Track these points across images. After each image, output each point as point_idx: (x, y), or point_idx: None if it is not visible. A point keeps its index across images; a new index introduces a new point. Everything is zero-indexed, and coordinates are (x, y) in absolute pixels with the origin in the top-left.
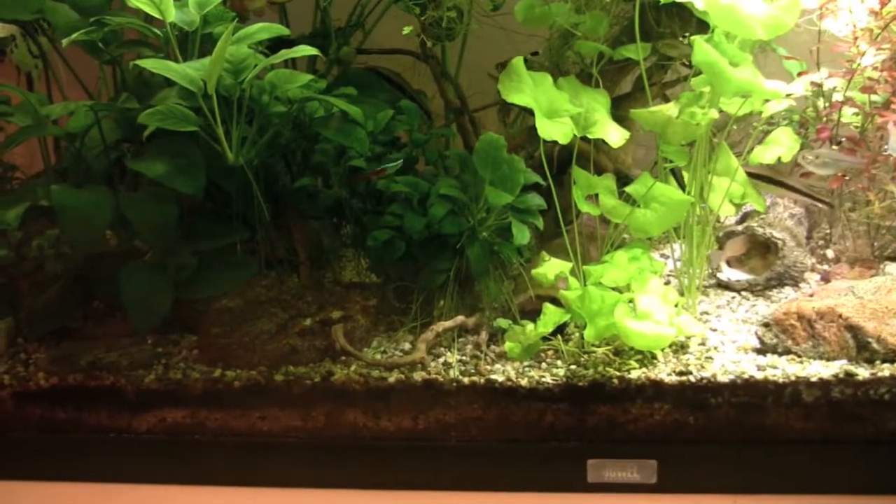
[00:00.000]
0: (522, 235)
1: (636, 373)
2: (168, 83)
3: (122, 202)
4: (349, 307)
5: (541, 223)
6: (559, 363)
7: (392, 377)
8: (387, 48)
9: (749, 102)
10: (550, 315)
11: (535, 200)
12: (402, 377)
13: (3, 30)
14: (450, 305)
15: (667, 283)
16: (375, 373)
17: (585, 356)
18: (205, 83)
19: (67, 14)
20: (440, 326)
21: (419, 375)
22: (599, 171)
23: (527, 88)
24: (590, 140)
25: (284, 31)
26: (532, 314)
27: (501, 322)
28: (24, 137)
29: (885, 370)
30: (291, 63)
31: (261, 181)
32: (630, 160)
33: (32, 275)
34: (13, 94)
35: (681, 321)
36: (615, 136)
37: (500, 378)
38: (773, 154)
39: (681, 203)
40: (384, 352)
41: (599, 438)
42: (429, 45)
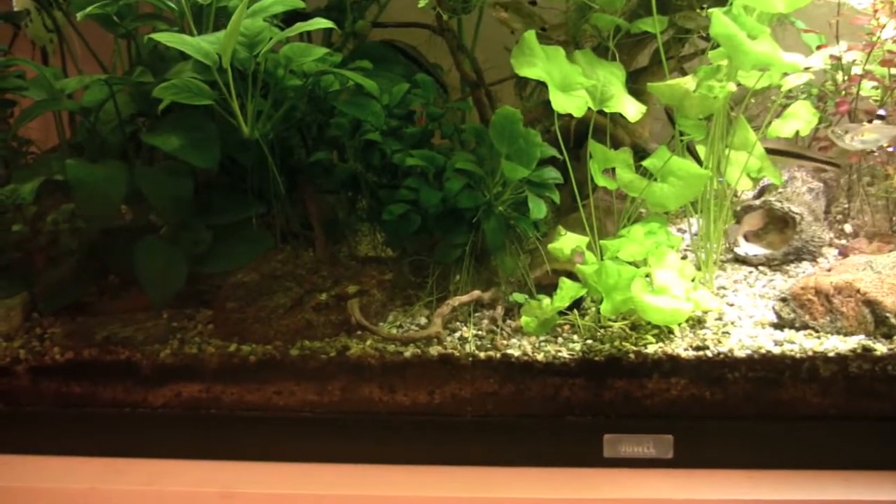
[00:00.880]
0: (539, 209)
1: (653, 347)
2: (183, 57)
3: (137, 176)
4: (365, 281)
5: (557, 197)
6: (575, 338)
7: (408, 352)
8: (402, 21)
9: (767, 76)
10: (567, 289)
11: (552, 174)
12: (418, 352)
13: (18, 4)
14: (466, 280)
15: (684, 258)
16: (391, 347)
17: (602, 331)
18: (220, 57)
19: None
20: (456, 301)
21: (435, 350)
22: (616, 145)
23: (539, 62)
24: (606, 114)
25: (300, 4)
26: (548, 288)
27: (517, 296)
28: (39, 111)
29: None
30: (307, 36)
31: (276, 155)
32: (647, 134)
33: (47, 249)
34: (28, 69)
35: (698, 296)
36: (632, 110)
37: (517, 353)
38: (792, 128)
39: (698, 177)
40: (400, 326)
41: (616, 413)
42: (445, 18)
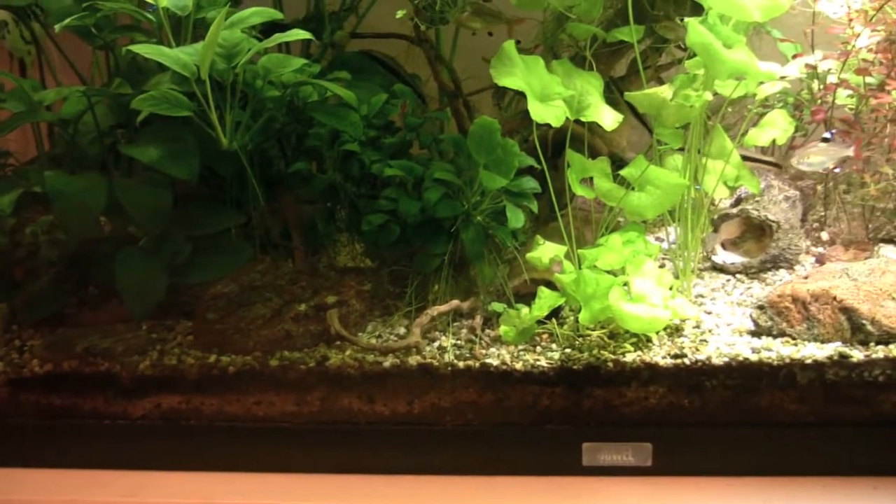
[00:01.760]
0: (517, 219)
1: (631, 356)
2: (161, 68)
3: (117, 188)
4: (344, 292)
5: (535, 207)
6: (554, 347)
7: (387, 362)
8: (381, 32)
9: (743, 85)
10: (545, 298)
11: (530, 184)
12: (398, 362)
13: None
14: (445, 289)
15: (662, 266)
16: (370, 357)
17: (580, 339)
18: (198, 68)
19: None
20: (435, 310)
21: (414, 360)
22: (594, 155)
23: (518, 72)
24: (584, 123)
25: (278, 15)
26: (527, 298)
27: (496, 306)
28: (18, 123)
29: (880, 352)
30: (285, 47)
31: (255, 166)
32: (625, 143)
33: (27, 261)
34: (6, 80)
35: (676, 304)
36: (609, 119)
37: (495, 362)
38: (768, 136)
39: (676, 186)
40: (379, 336)
41: (594, 422)
42: (423, 29)
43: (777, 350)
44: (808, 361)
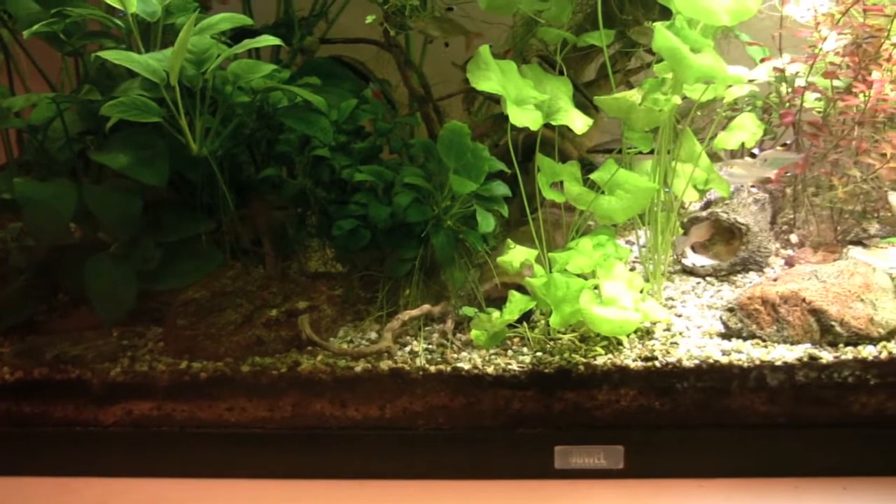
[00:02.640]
0: (487, 223)
1: (602, 359)
2: (131, 74)
3: (86, 194)
4: (315, 297)
5: (506, 211)
6: (525, 350)
7: (359, 366)
8: (350, 37)
9: (712, 88)
10: (516, 302)
11: (500, 188)
12: (369, 366)
13: None
14: (416, 294)
15: (632, 270)
16: (342, 362)
17: (551, 343)
18: (167, 74)
19: (28, 5)
20: (406, 315)
21: (386, 364)
22: (564, 159)
23: (495, 76)
24: (554, 127)
25: (247, 21)
26: (498, 302)
27: (467, 310)
28: None
29: (849, 353)
30: (255, 53)
31: (225, 172)
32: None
33: None
34: None
35: (646, 307)
36: (579, 123)
37: (467, 366)
38: (738, 139)
39: (646, 190)
40: (351, 341)
41: (566, 425)
42: (392, 34)
43: (747, 352)
44: (779, 363)
